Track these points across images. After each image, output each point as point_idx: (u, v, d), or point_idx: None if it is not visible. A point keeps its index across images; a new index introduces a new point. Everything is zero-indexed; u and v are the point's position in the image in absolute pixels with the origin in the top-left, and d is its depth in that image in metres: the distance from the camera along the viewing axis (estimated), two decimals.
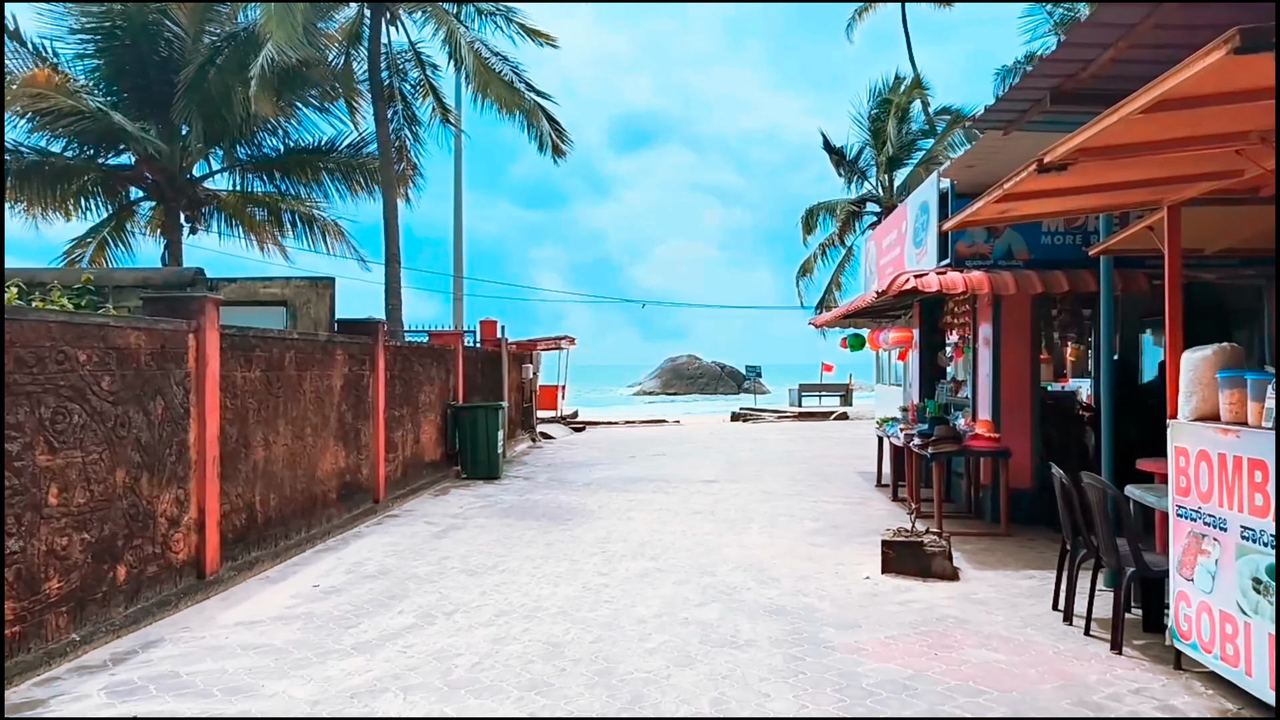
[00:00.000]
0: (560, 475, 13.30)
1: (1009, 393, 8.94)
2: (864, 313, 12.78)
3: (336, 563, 7.31)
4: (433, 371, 12.26)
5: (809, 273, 29.51)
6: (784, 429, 23.84)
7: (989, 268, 8.45)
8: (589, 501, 10.54)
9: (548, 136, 17.24)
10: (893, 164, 27.45)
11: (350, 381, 9.21)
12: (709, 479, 12.62)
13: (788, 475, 13.04)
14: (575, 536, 8.34)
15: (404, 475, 10.92)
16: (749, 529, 8.68)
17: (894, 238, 11.38)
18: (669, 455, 16.35)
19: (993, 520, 8.87)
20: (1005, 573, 6.78)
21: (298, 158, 18.08)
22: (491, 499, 10.84)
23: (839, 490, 11.42)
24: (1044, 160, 3.19)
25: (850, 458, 15.52)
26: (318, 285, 9.40)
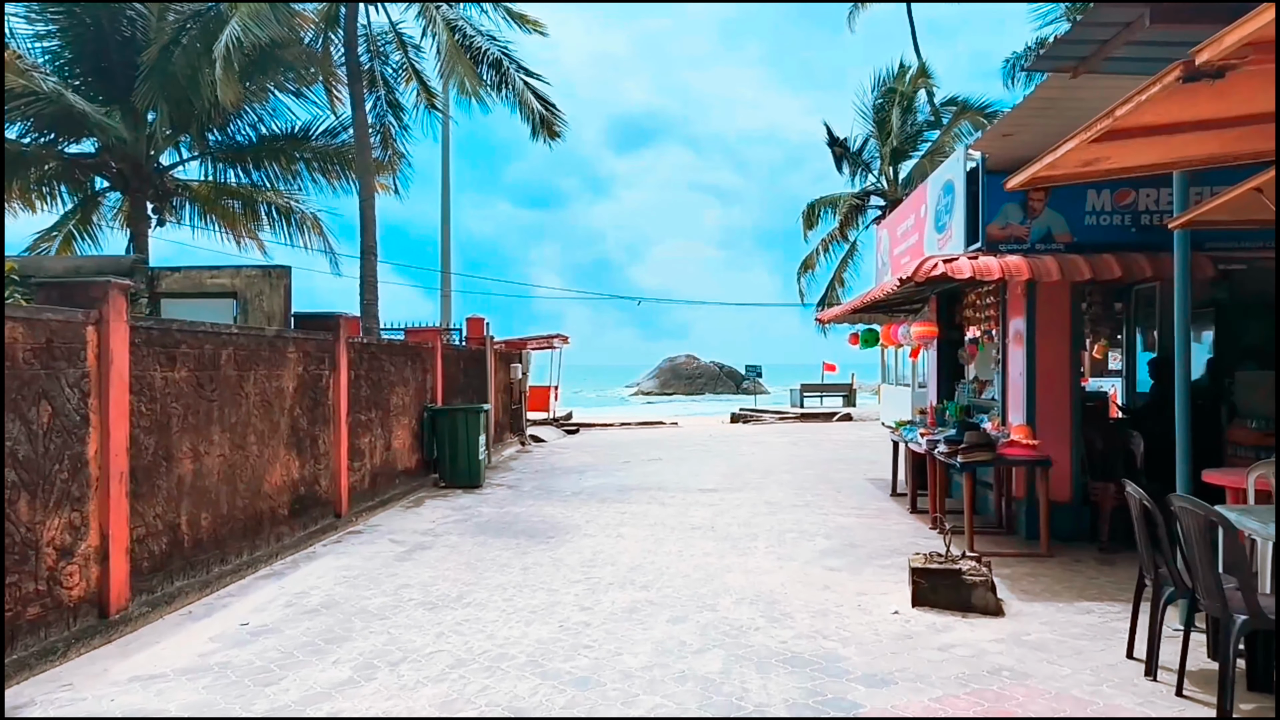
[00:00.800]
0: (547, 483, 12.28)
1: (1046, 394, 7.94)
2: (876, 307, 11.78)
3: (277, 593, 6.30)
4: (407, 372, 11.25)
5: (811, 269, 28.52)
6: (786, 431, 22.85)
7: (1026, 251, 7.45)
8: (576, 515, 9.53)
9: (539, 117, 16.23)
10: (897, 155, 26.46)
11: (306, 382, 8.20)
12: (708, 487, 11.62)
13: (793, 483, 12.04)
14: (557, 558, 7.33)
15: (372, 485, 9.90)
16: (754, 548, 7.68)
17: (910, 224, 10.38)
18: (666, 460, 15.34)
19: (1028, 537, 7.87)
20: (1057, 605, 5.78)
21: (271, 145, 17.05)
22: (469, 511, 9.82)
23: (851, 500, 10.42)
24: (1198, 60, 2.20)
25: (859, 462, 14.52)
26: (271, 275, 8.40)
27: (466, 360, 14.42)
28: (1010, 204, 7.61)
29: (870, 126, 27.41)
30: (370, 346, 10.02)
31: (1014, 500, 8.32)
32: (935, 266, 6.96)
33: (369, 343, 9.99)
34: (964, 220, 8.06)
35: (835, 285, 27.79)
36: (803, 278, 28.67)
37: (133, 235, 16.66)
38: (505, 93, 15.70)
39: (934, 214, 9.18)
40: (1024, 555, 7.26)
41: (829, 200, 28.44)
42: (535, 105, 16.30)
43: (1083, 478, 7.93)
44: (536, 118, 16.38)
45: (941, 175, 8.98)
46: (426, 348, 12.05)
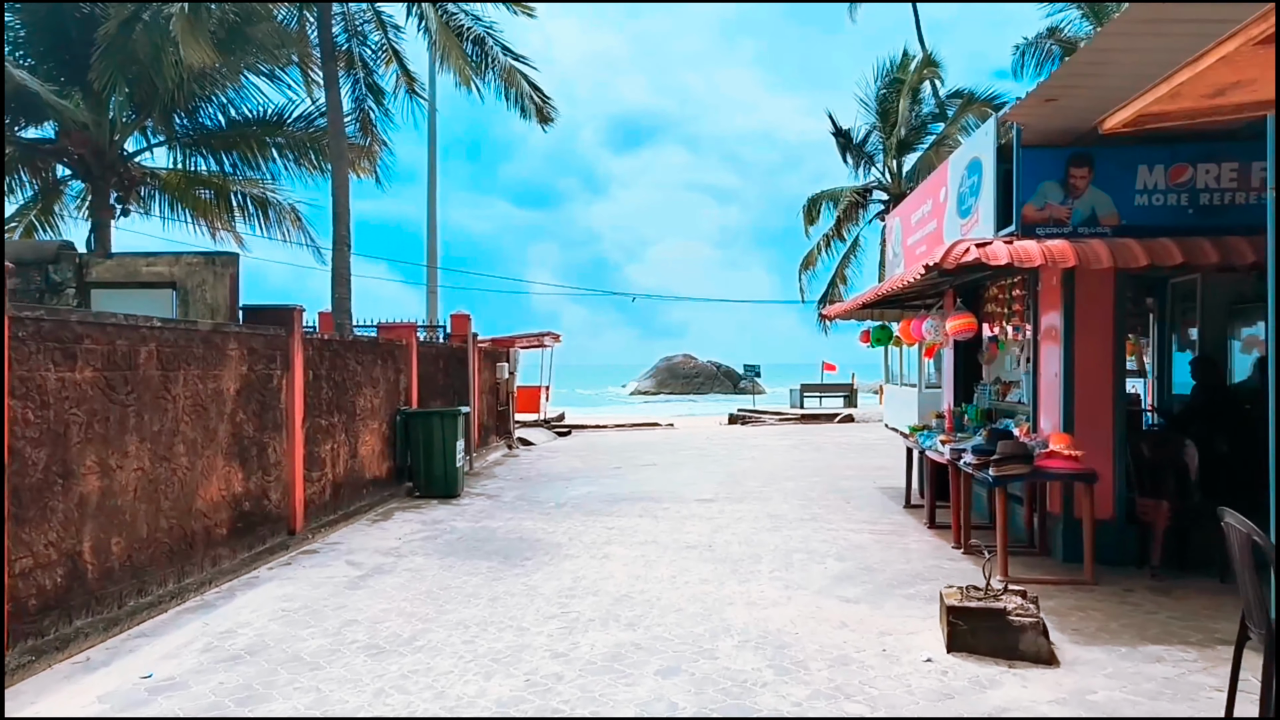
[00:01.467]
0: (531, 492, 11.35)
1: (1085, 398, 7.03)
2: (885, 302, 10.87)
3: (199, 631, 5.36)
4: (377, 371, 10.31)
5: (811, 266, 27.62)
6: (786, 433, 21.93)
7: (1068, 235, 6.53)
8: (558, 530, 8.60)
9: (529, 103, 15.30)
10: (902, 148, 25.56)
11: (252, 384, 7.26)
12: (705, 497, 10.70)
13: (798, 491, 11.12)
14: (532, 586, 6.41)
15: (335, 497, 8.97)
16: (758, 573, 6.75)
17: (927, 209, 9.47)
18: (660, 465, 14.42)
19: (1066, 560, 6.97)
20: (1119, 651, 4.86)
21: (243, 131, 16.09)
22: (440, 526, 8.89)
23: (862, 513, 9.50)
24: None
25: (866, 469, 13.61)
26: (215, 263, 7.47)
27: (447, 359, 13.48)
28: (1049, 182, 6.69)
29: (873, 118, 26.53)
30: (333, 343, 9.08)
31: (1048, 517, 7.40)
32: (967, 251, 6.04)
33: (331, 339, 9.06)
34: (994, 201, 7.14)
35: (837, 282, 26.89)
36: (804, 275, 27.78)
37: (95, 226, 15.68)
38: (490, 75, 14.76)
39: (956, 197, 8.26)
40: (1065, 583, 6.35)
41: (831, 195, 27.56)
42: (525, 89, 15.39)
43: (1128, 493, 7.02)
44: (527, 103, 15.48)
45: (966, 153, 8.06)
46: (400, 345, 11.11)
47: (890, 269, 11.46)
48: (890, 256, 11.55)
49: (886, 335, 10.14)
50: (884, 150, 26.43)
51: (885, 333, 10.16)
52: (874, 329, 10.30)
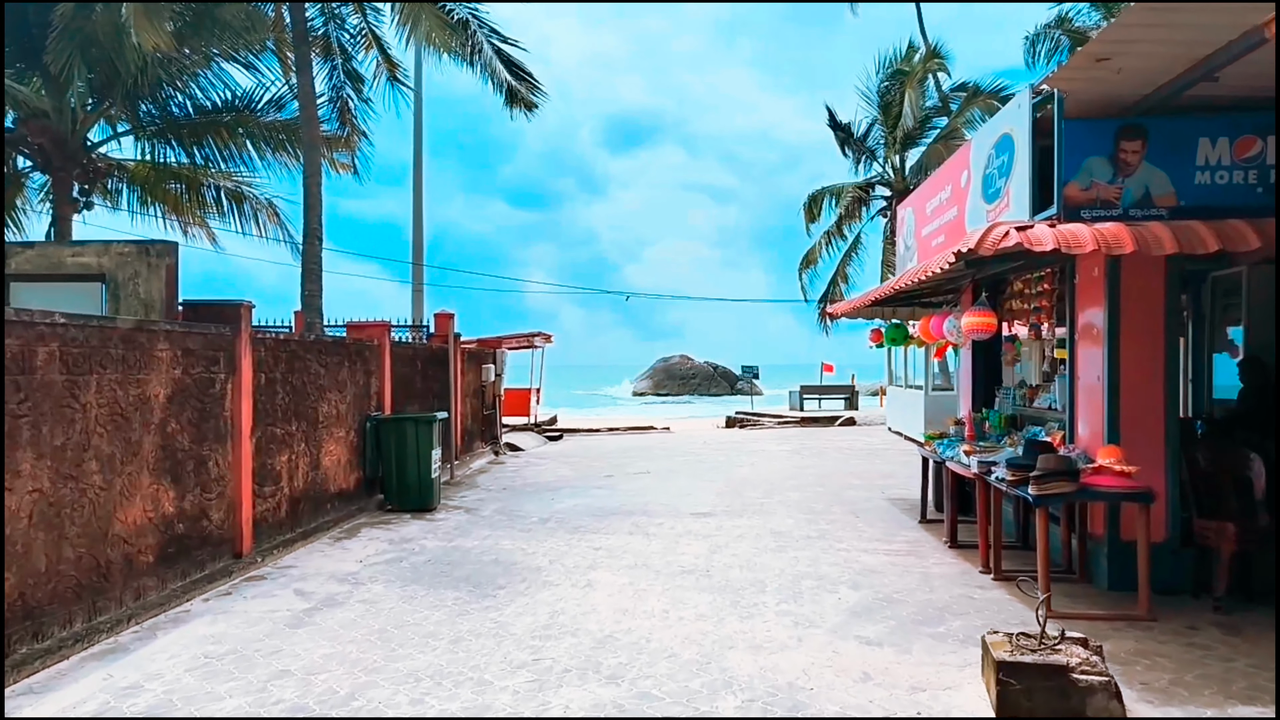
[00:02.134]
0: (514, 505, 10.48)
1: (1133, 405, 6.19)
2: (894, 299, 10.03)
3: (99, 686, 4.50)
4: (344, 374, 9.44)
5: (812, 264, 26.78)
6: (786, 437, 21.08)
7: (1117, 218, 5.69)
8: (539, 551, 7.74)
9: (510, 87, 14.45)
10: (906, 142, 24.72)
11: (188, 389, 6.39)
12: (702, 511, 9.84)
13: (802, 504, 10.27)
14: (502, 623, 5.55)
15: (292, 514, 8.10)
16: (762, 606, 5.90)
17: (945, 196, 8.63)
18: (655, 473, 13.56)
19: (1111, 588, 6.14)
20: (1204, 713, 4.02)
21: (212, 119, 15.22)
22: (409, 546, 8.03)
23: (873, 529, 8.66)
24: None
25: (872, 477, 12.77)
26: (150, 252, 6.61)
27: (425, 361, 12.61)
28: (1095, 159, 5.85)
29: (875, 111, 25.70)
30: (290, 343, 8.21)
31: (1089, 538, 6.56)
32: (1006, 236, 5.19)
33: (288, 339, 8.19)
34: (1029, 181, 6.30)
35: (838, 281, 26.06)
36: (804, 273, 26.93)
37: (55, 219, 14.82)
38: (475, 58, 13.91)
39: (981, 179, 7.42)
40: (1118, 618, 5.50)
41: (832, 191, 26.74)
42: (505, 76, 14.55)
43: (1183, 512, 6.18)
44: (512, 86, 14.64)
45: (994, 129, 7.21)
46: (370, 346, 10.24)
47: (902, 263, 10.61)
48: (901, 250, 10.71)
49: (902, 334, 9.29)
50: (886, 144, 25.60)
51: (900, 331, 9.32)
52: (888, 328, 9.45)
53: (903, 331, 9.31)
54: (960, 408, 10.09)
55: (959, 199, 8.11)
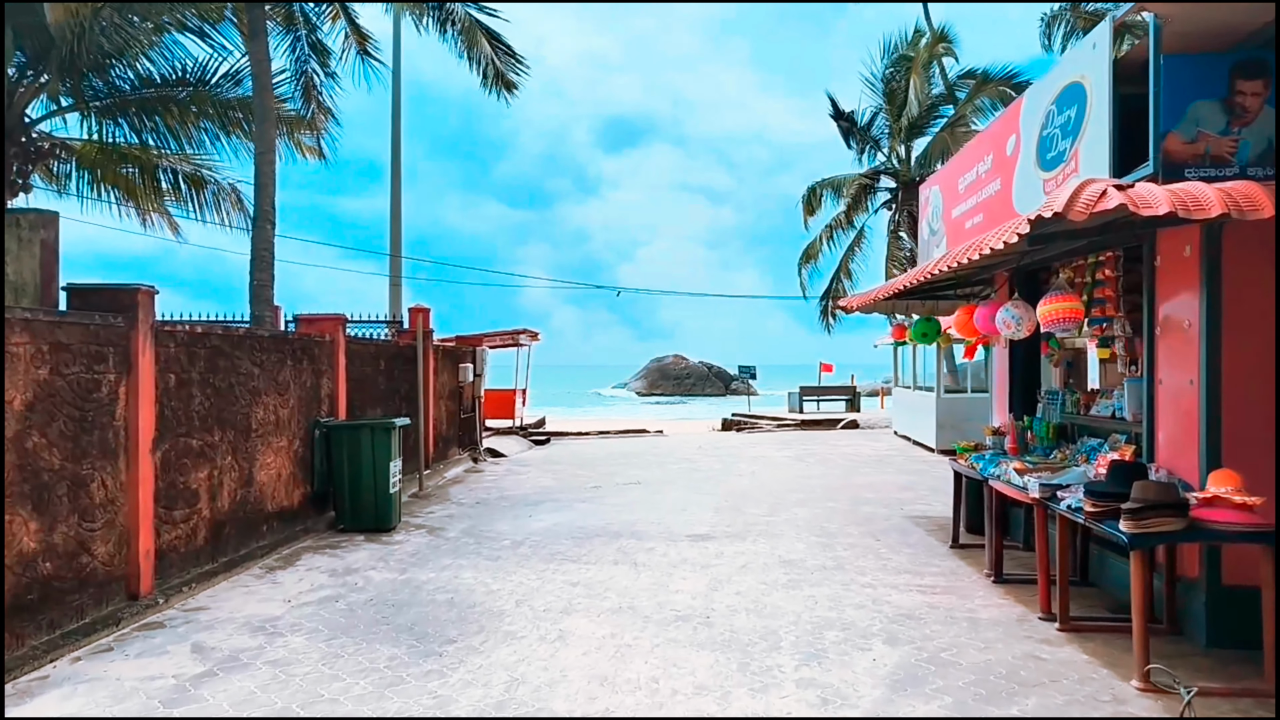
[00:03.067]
0: (485, 523, 9.22)
1: (1241, 415, 4.96)
2: (915, 291, 8.79)
3: None
4: (286, 374, 8.17)
5: (813, 259, 25.55)
6: (786, 441, 19.85)
7: (1234, 177, 4.46)
8: (505, 588, 6.48)
9: (490, 64, 13.21)
10: (913, 130, 23.52)
11: (59, 393, 5.11)
12: (699, 532, 8.59)
13: (812, 522, 9.03)
14: (441, 700, 4.29)
15: (214, 540, 6.83)
16: (778, 673, 4.65)
17: (984, 169, 7.40)
18: (646, 483, 12.31)
19: (1211, 644, 4.92)
20: None
21: (162, 94, 13.89)
22: (351, 580, 6.75)
23: (900, 556, 7.42)
24: None
25: (886, 489, 11.54)
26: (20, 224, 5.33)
27: (391, 359, 11.32)
28: (1203, 103, 4.62)
29: (880, 100, 24.50)
30: (212, 339, 6.92)
31: (1179, 581, 5.33)
32: (1103, 196, 3.95)
33: (208, 333, 6.89)
34: (1108, 138, 5.06)
35: (841, 276, 24.84)
36: (804, 269, 25.71)
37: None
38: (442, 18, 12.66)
39: (1037, 143, 6.18)
40: (1240, 694, 4.27)
41: (832, 183, 25.53)
42: (486, 50, 13.31)
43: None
44: (488, 67, 13.39)
45: (1054, 82, 5.96)
46: (320, 342, 8.95)
47: (925, 249, 9.38)
48: (925, 235, 9.47)
49: (934, 329, 8.03)
50: (891, 134, 24.40)
51: (933, 326, 8.05)
52: (918, 322, 8.18)
53: (935, 326, 8.07)
54: (994, 414, 8.87)
55: (1003, 169, 6.88)
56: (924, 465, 14.57)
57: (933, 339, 8.05)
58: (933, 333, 7.95)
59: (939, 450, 16.43)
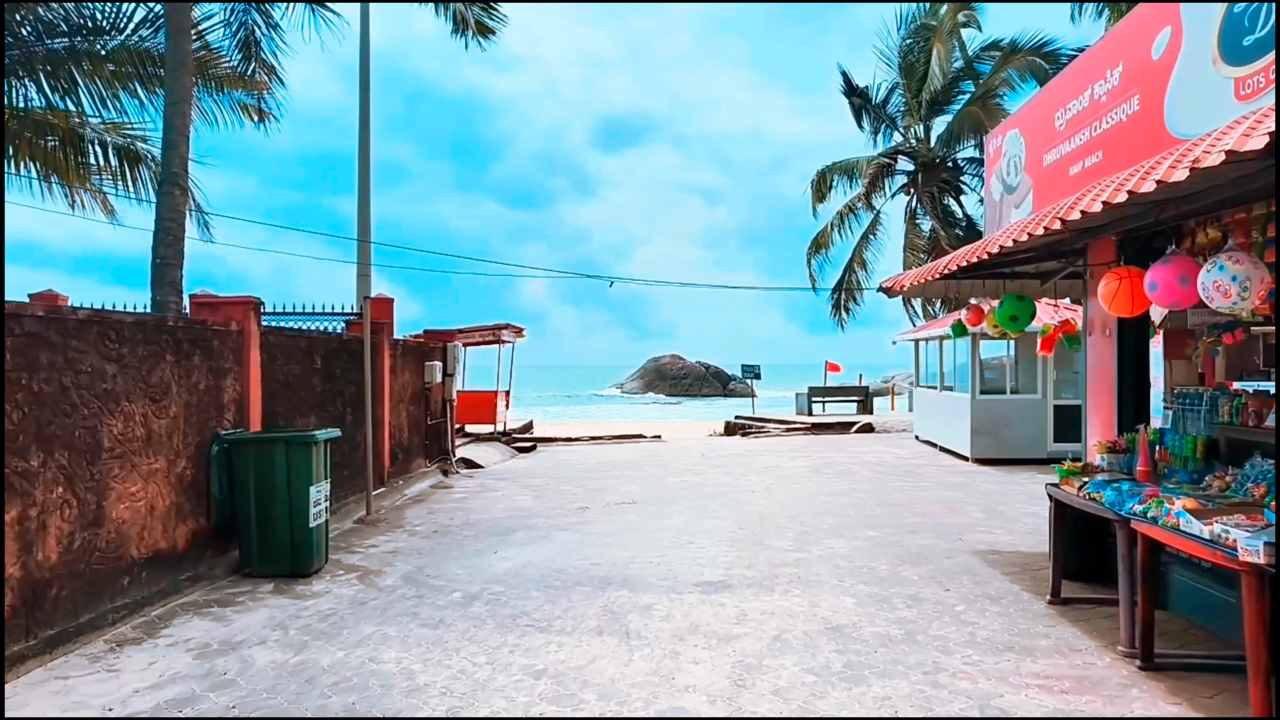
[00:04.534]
0: (436, 563, 7.22)
1: None
2: (972, 270, 6.83)
3: None
4: (164, 373, 6.15)
5: (823, 249, 23.60)
6: (798, 448, 17.86)
7: None
8: (437, 681, 4.48)
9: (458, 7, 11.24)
10: (934, 107, 21.55)
11: None
12: (712, 578, 6.60)
13: (854, 561, 7.05)
14: None
15: (34, 608, 4.81)
16: None
17: (1103, 93, 5.43)
18: (643, 504, 10.32)
19: None
20: None
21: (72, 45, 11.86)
22: (221, 665, 4.74)
23: (987, 618, 5.44)
24: None
25: (930, 508, 9.56)
26: None
27: (330, 355, 9.29)
28: None
29: (896, 75, 22.55)
30: (26, 321, 4.90)
31: None
32: None
33: (16, 313, 4.87)
34: None
35: (854, 267, 22.88)
36: (813, 260, 23.74)
37: None
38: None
39: (1221, 26, 4.20)
40: None
41: (843, 167, 23.56)
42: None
43: None
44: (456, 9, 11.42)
45: None
46: (222, 331, 6.94)
47: (1000, 209, 7.40)
48: (997, 193, 7.49)
49: (1027, 312, 6.04)
50: (908, 111, 22.43)
51: (1025, 308, 6.05)
52: (1005, 302, 6.16)
53: (1028, 308, 6.07)
54: (1091, 425, 6.87)
55: (1145, 80, 4.90)
56: (962, 477, 12.60)
57: (1025, 323, 6.05)
58: (1025, 315, 5.96)
59: (974, 459, 14.48)
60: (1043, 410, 14.57)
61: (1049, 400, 14.57)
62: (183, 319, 6.80)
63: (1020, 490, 11.18)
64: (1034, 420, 14.59)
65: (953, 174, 22.19)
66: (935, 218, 21.64)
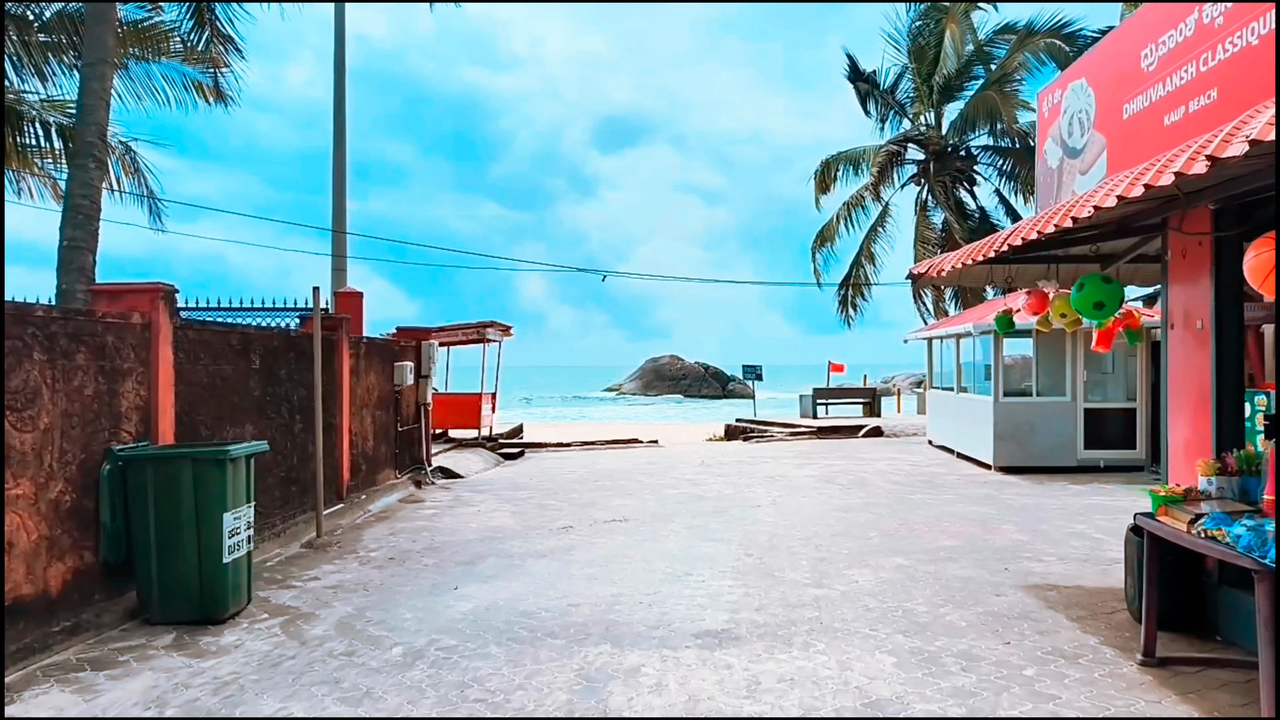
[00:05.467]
0: (381, 605, 6.00)
1: None
2: (1014, 254, 5.64)
3: None
4: (33, 375, 4.93)
5: (828, 242, 22.40)
6: (805, 454, 16.64)
7: None
8: None
9: None
10: (946, 92, 20.35)
11: None
12: (715, 626, 5.38)
13: (886, 599, 5.84)
14: None
15: None
16: None
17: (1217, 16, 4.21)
18: (635, 522, 9.11)
19: None
20: None
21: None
22: None
23: (1066, 684, 4.23)
24: None
25: (962, 527, 8.36)
26: None
27: (273, 355, 8.04)
28: None
29: (905, 59, 21.35)
30: None
31: None
32: None
33: None
34: None
35: (862, 261, 21.69)
36: (818, 254, 22.54)
37: None
38: None
39: None
40: None
41: (849, 157, 22.36)
42: None
43: None
44: None
45: None
46: (123, 326, 5.71)
47: (1059, 180, 6.19)
48: (1054, 160, 6.28)
49: (1114, 296, 4.82)
50: (918, 97, 21.24)
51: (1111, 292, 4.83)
52: (1089, 287, 4.87)
53: (1115, 292, 4.85)
54: (1174, 440, 5.64)
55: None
56: (988, 488, 11.41)
57: (1113, 309, 4.83)
58: (1114, 301, 4.75)
59: (996, 467, 13.27)
60: (1072, 414, 13.38)
61: (1079, 403, 13.38)
62: (56, 308, 5.57)
63: (1055, 505, 9.98)
64: (1062, 425, 13.39)
65: (966, 163, 21.00)
66: (948, 209, 20.45)
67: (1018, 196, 20.56)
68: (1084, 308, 4.88)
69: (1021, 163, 19.77)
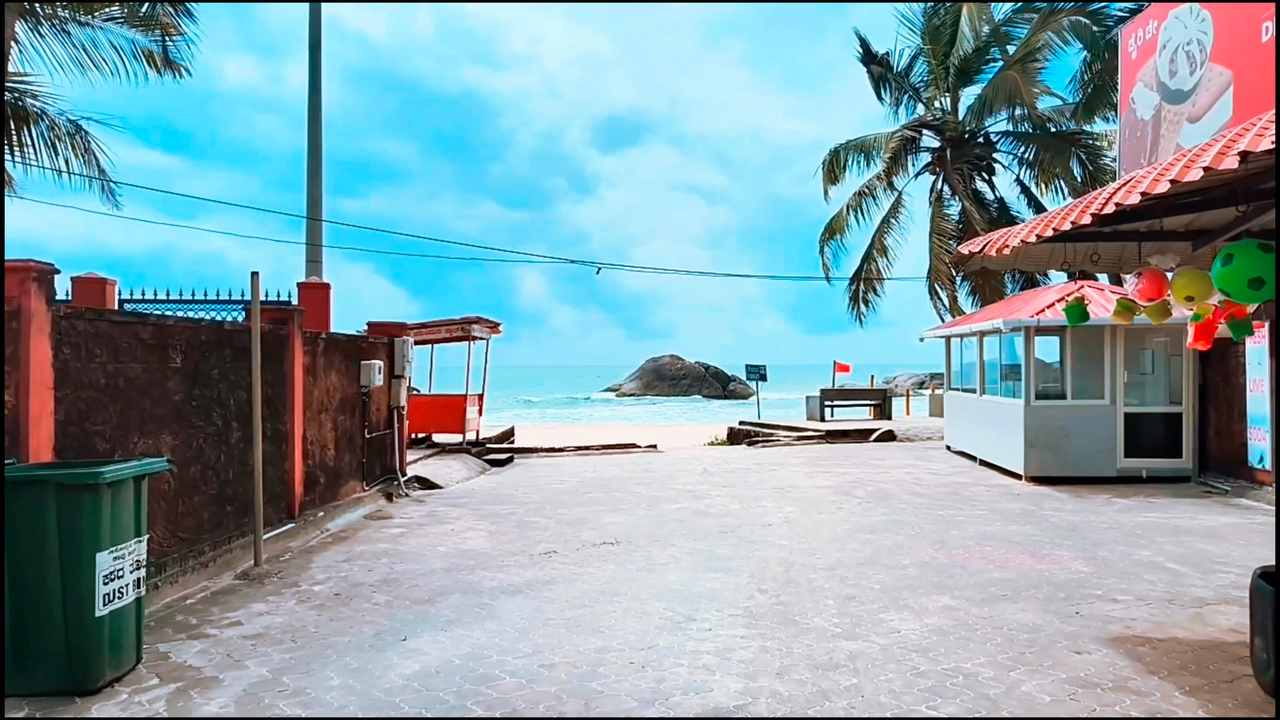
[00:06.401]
0: (299, 669, 4.79)
1: None
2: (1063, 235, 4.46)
3: None
4: None
5: (837, 235, 21.19)
6: (815, 460, 15.43)
7: None
8: None
9: None
10: (963, 74, 19.14)
11: None
12: (723, 702, 4.17)
13: (941, 663, 4.64)
14: None
15: None
16: None
17: None
18: (628, 546, 7.91)
19: None
20: None
21: None
22: None
23: None
24: None
25: (1011, 554, 7.15)
26: None
27: (200, 351, 6.81)
28: None
29: (919, 40, 20.13)
30: None
31: None
32: None
33: None
34: None
35: (874, 255, 20.48)
36: (826, 248, 21.34)
37: None
38: None
39: None
40: None
41: (860, 145, 21.17)
42: None
43: None
44: None
45: None
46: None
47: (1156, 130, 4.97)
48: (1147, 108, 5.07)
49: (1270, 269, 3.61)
50: (933, 80, 20.03)
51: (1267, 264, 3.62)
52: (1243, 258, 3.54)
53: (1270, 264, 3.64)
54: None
55: None
56: (1024, 503, 10.21)
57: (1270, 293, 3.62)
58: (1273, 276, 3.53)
59: (1028, 477, 12.06)
60: (1111, 419, 12.16)
61: (1119, 407, 12.17)
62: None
63: (1106, 524, 8.78)
64: (1100, 431, 12.18)
65: (984, 150, 19.80)
66: (965, 199, 19.24)
67: (1039, 185, 19.37)
68: (1234, 286, 3.67)
69: (1044, 149, 18.58)
